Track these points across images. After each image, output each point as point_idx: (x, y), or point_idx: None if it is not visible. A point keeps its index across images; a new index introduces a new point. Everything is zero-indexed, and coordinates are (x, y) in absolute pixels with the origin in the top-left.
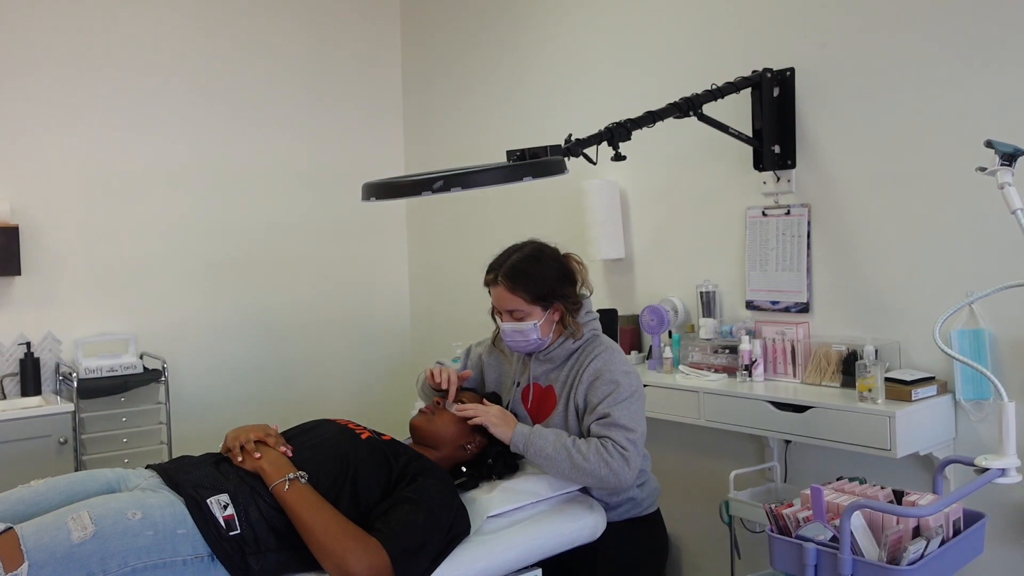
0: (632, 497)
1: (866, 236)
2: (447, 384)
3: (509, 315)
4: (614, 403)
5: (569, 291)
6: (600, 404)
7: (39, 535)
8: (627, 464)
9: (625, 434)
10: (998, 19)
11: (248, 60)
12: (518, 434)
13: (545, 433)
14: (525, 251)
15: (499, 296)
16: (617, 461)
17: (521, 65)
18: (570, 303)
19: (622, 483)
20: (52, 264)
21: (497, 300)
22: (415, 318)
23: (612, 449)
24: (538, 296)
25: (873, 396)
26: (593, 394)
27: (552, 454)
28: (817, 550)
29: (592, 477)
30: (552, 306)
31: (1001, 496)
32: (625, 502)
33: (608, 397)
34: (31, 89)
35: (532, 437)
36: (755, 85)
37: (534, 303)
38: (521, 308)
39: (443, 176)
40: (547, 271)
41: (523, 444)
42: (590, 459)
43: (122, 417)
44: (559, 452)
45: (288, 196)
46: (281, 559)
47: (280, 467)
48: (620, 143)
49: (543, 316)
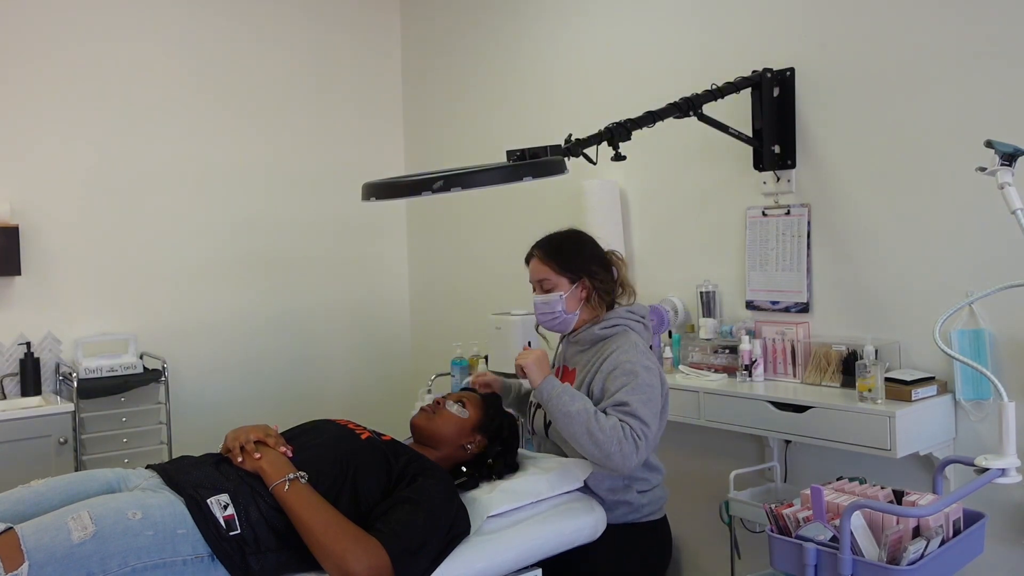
0: (628, 501)
1: (866, 236)
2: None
3: (539, 287)
4: (632, 393)
5: (599, 271)
6: (617, 392)
7: (39, 535)
8: (636, 452)
9: (641, 426)
10: (998, 19)
11: (248, 60)
12: (548, 384)
13: (574, 393)
14: (563, 231)
15: (533, 268)
16: (629, 446)
17: (521, 65)
18: (598, 282)
19: (624, 468)
20: (52, 264)
21: (531, 273)
22: (415, 318)
23: (629, 433)
24: (566, 267)
25: (873, 396)
26: (611, 383)
27: (572, 413)
28: (817, 550)
29: (599, 450)
30: (580, 281)
31: (1001, 496)
32: (621, 504)
33: (626, 387)
34: (31, 89)
35: (560, 391)
36: (755, 85)
37: (562, 273)
38: (550, 277)
39: (443, 176)
40: (580, 247)
41: (547, 394)
42: (606, 432)
43: (122, 417)
44: (580, 415)
45: (288, 196)
46: (281, 559)
47: (280, 467)
48: (620, 143)
49: (570, 289)
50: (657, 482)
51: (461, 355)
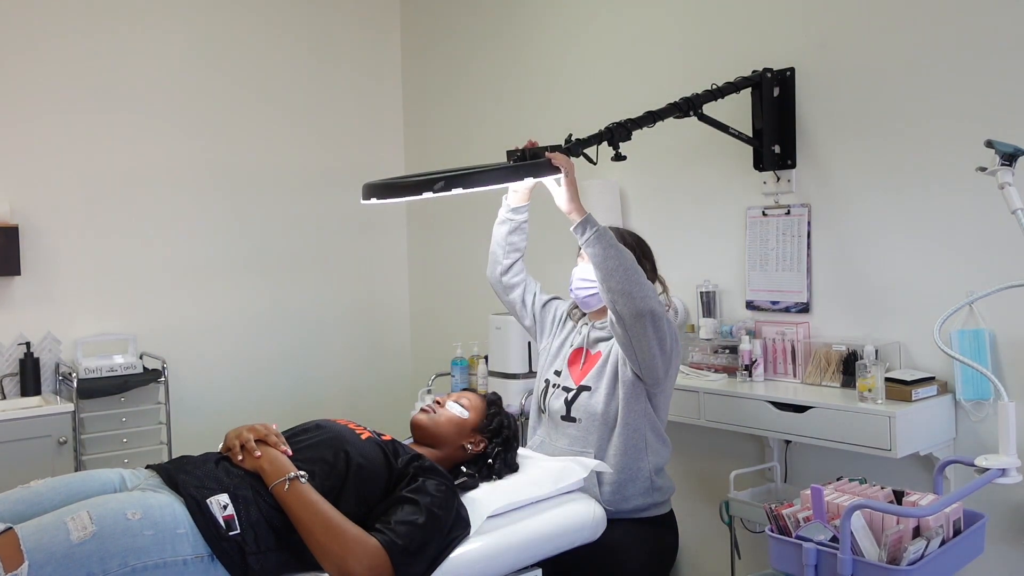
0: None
1: (866, 236)
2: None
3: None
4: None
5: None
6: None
7: (39, 535)
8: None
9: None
10: (998, 19)
11: (248, 61)
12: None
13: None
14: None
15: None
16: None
17: (521, 65)
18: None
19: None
20: (52, 264)
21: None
22: (415, 318)
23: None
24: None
25: (873, 396)
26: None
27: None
28: (817, 550)
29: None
30: None
31: (1001, 496)
32: (628, 484)
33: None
34: (31, 89)
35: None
36: (755, 85)
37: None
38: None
39: (444, 176)
40: (631, 236)
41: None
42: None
43: (122, 417)
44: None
45: (289, 196)
46: (281, 559)
47: (280, 467)
48: (620, 143)
49: None
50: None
51: (461, 355)
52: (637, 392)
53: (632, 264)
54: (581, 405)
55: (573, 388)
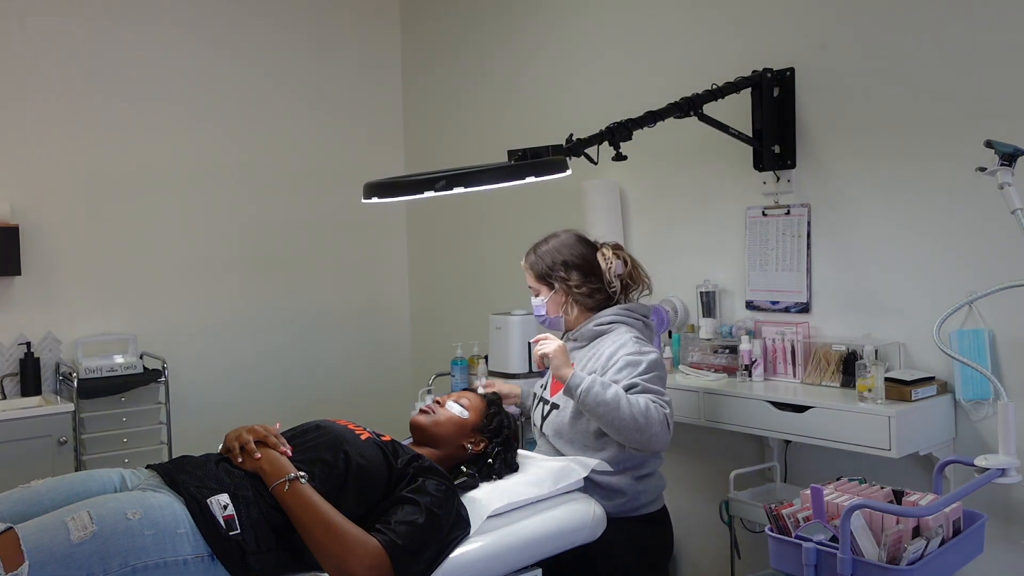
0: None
1: (866, 236)
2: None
3: (532, 291)
4: (639, 375)
5: (573, 276)
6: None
7: (39, 535)
8: (668, 425)
9: (660, 398)
10: (998, 19)
11: (248, 60)
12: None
13: (601, 380)
14: (547, 237)
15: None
16: (662, 421)
17: (522, 65)
18: (572, 286)
19: (664, 442)
20: (52, 264)
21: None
22: (415, 318)
23: (657, 408)
24: (539, 275)
25: (873, 396)
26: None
27: (609, 399)
28: (817, 550)
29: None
30: (554, 287)
31: (1001, 496)
32: (616, 494)
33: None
34: (31, 89)
35: (591, 381)
36: (755, 85)
37: (538, 281)
38: (531, 284)
39: (445, 176)
40: (552, 254)
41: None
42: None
43: (122, 417)
44: (616, 400)
45: (288, 196)
46: (281, 559)
47: (280, 467)
48: (621, 143)
49: (549, 295)
50: (654, 468)
51: (461, 355)
52: None
53: (618, 416)
54: (551, 422)
55: (549, 402)
